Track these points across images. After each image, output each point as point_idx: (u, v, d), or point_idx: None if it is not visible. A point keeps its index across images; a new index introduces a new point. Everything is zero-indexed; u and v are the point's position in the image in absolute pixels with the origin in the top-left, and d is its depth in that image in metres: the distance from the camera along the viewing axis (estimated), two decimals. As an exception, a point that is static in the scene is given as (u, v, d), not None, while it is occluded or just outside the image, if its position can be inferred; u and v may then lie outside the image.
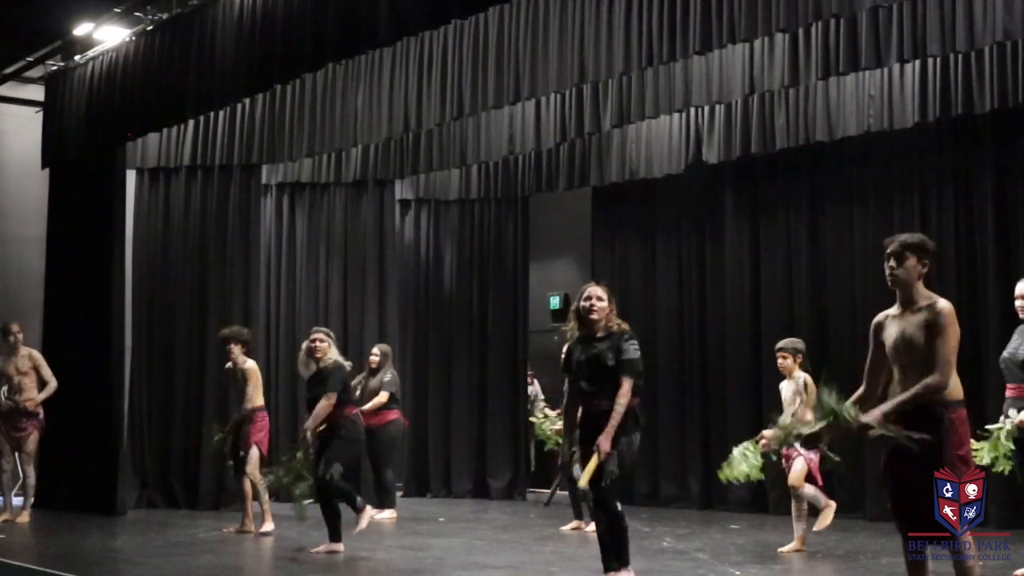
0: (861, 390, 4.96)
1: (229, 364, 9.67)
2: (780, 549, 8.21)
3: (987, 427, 6.69)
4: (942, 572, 4.88)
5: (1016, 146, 9.87)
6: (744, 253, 11.63)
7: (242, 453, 9.46)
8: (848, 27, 8.86)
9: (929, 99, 9.60)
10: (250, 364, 9.59)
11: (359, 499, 8.36)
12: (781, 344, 8.36)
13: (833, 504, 8.23)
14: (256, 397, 9.55)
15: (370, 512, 8.47)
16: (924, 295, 4.82)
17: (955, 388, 4.73)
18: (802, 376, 8.17)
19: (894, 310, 4.90)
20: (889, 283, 4.89)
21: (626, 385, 6.14)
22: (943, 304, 4.76)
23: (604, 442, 6.05)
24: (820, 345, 10.49)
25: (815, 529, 8.24)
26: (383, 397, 10.75)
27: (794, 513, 8.22)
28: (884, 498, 9.40)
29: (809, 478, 8.09)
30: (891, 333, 4.83)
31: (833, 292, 10.92)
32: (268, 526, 9.38)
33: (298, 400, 11.49)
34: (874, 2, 8.06)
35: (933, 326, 4.70)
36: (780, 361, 8.25)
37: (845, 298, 10.78)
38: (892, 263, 4.84)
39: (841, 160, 10.91)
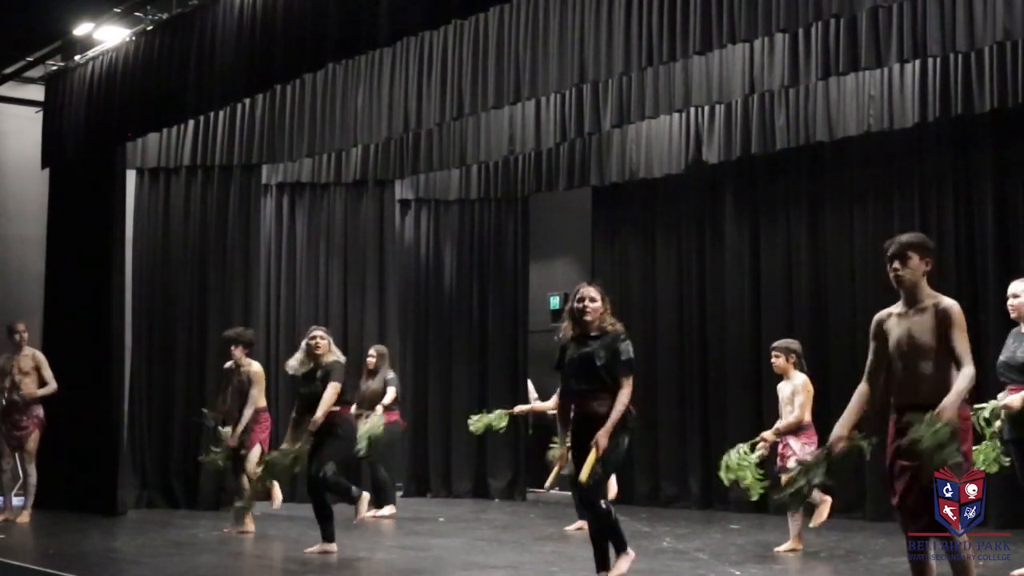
0: (864, 388, 4.97)
1: (230, 364, 9.68)
2: (776, 549, 8.21)
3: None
4: (943, 572, 4.88)
5: (1016, 146, 9.87)
6: (744, 253, 11.63)
7: (243, 451, 9.49)
8: (848, 27, 8.86)
9: (929, 99, 9.61)
10: (256, 367, 9.66)
11: (354, 489, 8.35)
12: (775, 344, 8.40)
13: (828, 499, 8.21)
14: (260, 398, 9.59)
15: (367, 499, 8.46)
16: (929, 294, 4.85)
17: None
18: (800, 377, 8.18)
19: (897, 308, 4.93)
20: (895, 284, 4.91)
21: (627, 385, 6.21)
22: (950, 302, 4.80)
23: (602, 438, 6.11)
24: (820, 345, 10.50)
25: (812, 525, 8.23)
26: (392, 394, 10.75)
27: (789, 512, 8.22)
28: (884, 498, 9.47)
29: None
30: (896, 332, 4.85)
31: (833, 292, 10.91)
32: (249, 526, 9.38)
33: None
34: (874, 2, 8.07)
35: (945, 323, 4.73)
36: (773, 360, 8.30)
37: (845, 298, 10.78)
38: (896, 264, 4.86)
39: (841, 160, 10.91)
